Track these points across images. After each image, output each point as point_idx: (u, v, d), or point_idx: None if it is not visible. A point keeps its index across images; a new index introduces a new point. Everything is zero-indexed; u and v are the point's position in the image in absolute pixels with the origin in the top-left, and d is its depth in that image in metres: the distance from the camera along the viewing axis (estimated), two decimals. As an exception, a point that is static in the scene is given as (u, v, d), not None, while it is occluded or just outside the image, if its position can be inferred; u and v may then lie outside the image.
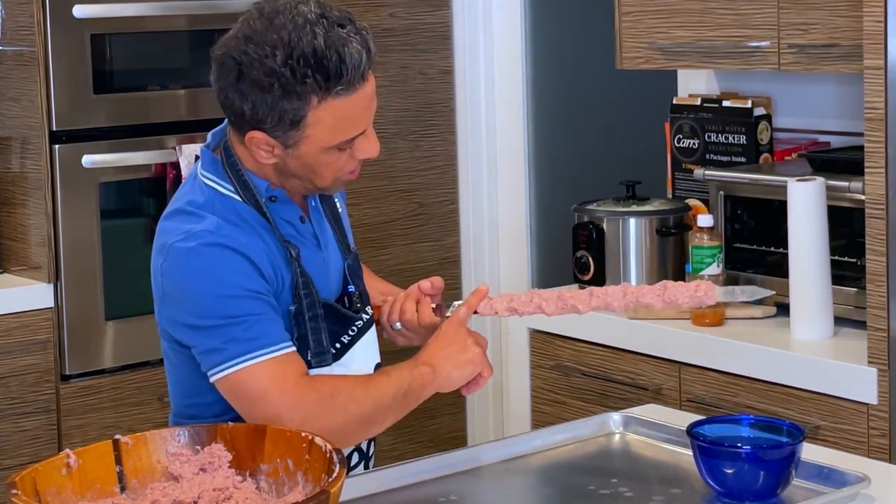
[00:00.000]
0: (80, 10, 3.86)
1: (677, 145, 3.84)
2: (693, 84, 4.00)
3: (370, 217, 4.46)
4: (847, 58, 3.20)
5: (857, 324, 3.17)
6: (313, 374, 2.27)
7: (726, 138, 3.73)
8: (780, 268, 3.35)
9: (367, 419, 2.23)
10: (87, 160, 3.90)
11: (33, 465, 1.94)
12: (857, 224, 3.18)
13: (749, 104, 3.70)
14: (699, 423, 2.25)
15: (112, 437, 2.02)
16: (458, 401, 4.61)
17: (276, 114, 2.20)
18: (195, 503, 1.94)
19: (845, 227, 3.27)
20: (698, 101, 3.80)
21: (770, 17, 3.35)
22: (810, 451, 2.23)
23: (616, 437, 2.51)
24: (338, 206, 2.49)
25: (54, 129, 3.87)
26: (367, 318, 2.41)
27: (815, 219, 3.16)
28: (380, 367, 2.40)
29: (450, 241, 4.65)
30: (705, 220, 3.39)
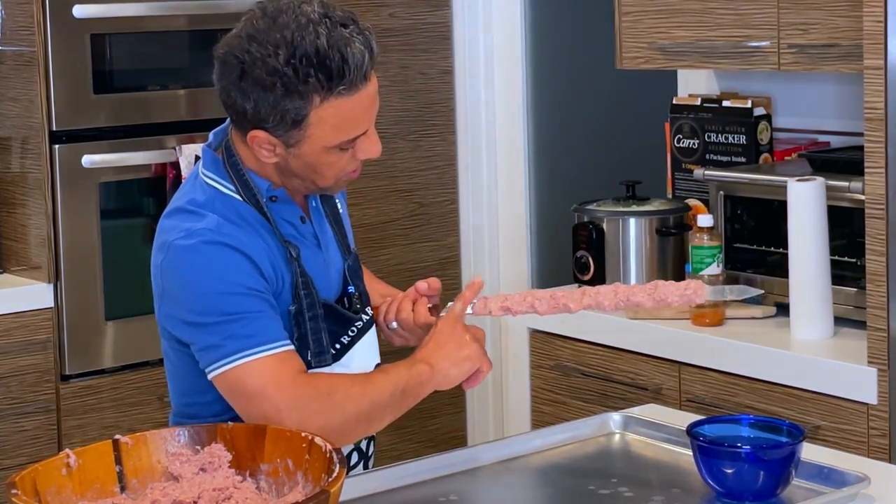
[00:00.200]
0: (80, 10, 3.86)
1: (677, 145, 3.84)
2: (693, 84, 4.00)
3: (370, 217, 4.46)
4: (847, 58, 3.19)
5: (857, 324, 3.17)
6: (311, 373, 2.27)
7: (726, 138, 3.73)
8: (780, 268, 3.35)
9: (364, 417, 2.23)
10: (87, 160, 3.90)
11: (33, 465, 1.94)
12: (857, 224, 3.18)
13: (749, 104, 3.70)
14: (699, 423, 2.25)
15: (112, 437, 2.02)
16: (458, 401, 4.61)
17: (279, 113, 2.20)
18: (195, 503, 1.95)
19: (845, 227, 3.27)
20: (698, 101, 3.80)
21: (770, 17, 3.35)
22: (810, 451, 2.23)
23: (616, 437, 2.51)
24: (339, 206, 2.49)
25: (54, 129, 3.87)
26: (367, 318, 2.41)
27: (815, 219, 3.16)
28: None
29: (450, 241, 4.65)
30: (705, 220, 3.39)
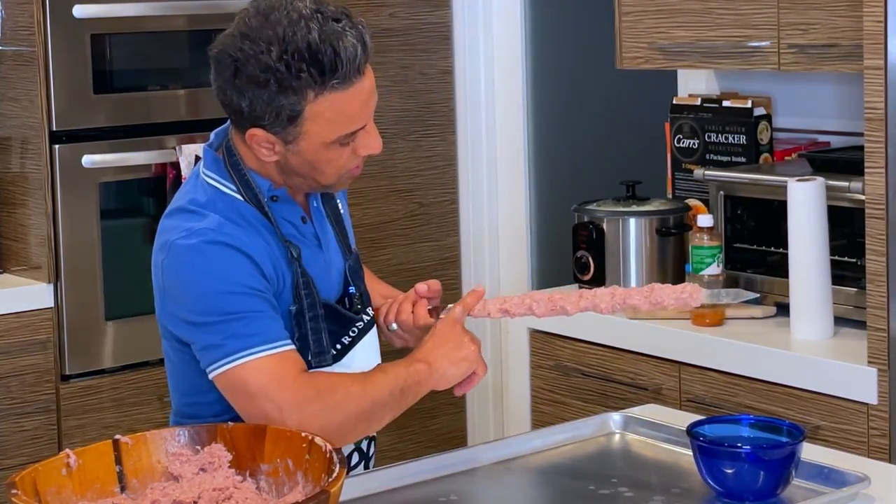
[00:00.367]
0: (80, 10, 3.86)
1: (677, 145, 3.83)
2: (693, 84, 4.00)
3: (370, 217, 4.46)
4: (847, 58, 3.19)
5: (857, 324, 3.17)
6: (312, 372, 2.27)
7: (726, 138, 3.73)
8: (780, 268, 3.35)
9: (365, 416, 2.23)
10: (87, 160, 3.90)
11: (33, 465, 1.94)
12: (857, 224, 3.18)
13: (749, 104, 3.70)
14: (699, 423, 2.25)
15: (112, 437, 2.02)
16: (458, 401, 4.61)
17: (274, 110, 2.20)
18: (195, 503, 1.94)
19: (845, 227, 3.27)
20: (698, 101, 3.80)
21: (770, 17, 3.35)
22: (810, 451, 2.23)
23: (616, 437, 2.51)
24: (340, 206, 2.49)
25: (54, 129, 3.87)
26: (368, 319, 2.41)
27: (815, 219, 3.16)
28: (379, 368, 2.40)
29: (450, 241, 4.65)
30: (705, 220, 3.39)
